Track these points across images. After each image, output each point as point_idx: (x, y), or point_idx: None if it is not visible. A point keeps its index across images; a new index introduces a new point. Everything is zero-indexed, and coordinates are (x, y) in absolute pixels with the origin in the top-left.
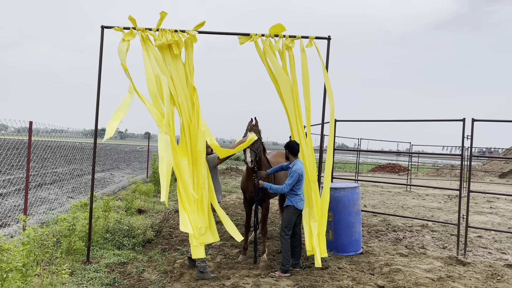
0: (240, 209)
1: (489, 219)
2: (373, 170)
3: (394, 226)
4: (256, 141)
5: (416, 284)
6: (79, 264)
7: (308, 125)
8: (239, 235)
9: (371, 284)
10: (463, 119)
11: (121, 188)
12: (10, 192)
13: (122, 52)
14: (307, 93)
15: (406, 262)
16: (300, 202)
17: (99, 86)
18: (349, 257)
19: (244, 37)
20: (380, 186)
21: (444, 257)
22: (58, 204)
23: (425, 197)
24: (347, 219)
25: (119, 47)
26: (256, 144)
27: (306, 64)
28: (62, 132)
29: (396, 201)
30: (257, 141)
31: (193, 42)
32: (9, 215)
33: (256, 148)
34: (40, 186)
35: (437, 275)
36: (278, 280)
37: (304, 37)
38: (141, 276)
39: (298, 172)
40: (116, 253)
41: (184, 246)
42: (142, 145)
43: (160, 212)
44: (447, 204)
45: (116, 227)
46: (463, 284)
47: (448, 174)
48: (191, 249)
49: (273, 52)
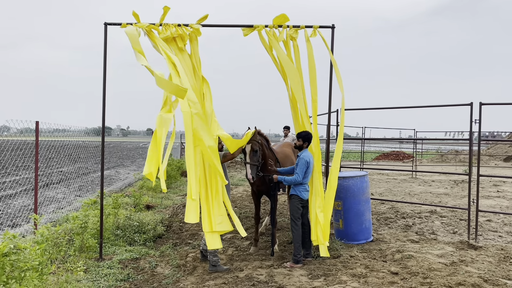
0: (247, 202)
1: (497, 203)
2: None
3: (403, 213)
4: (256, 151)
5: (429, 270)
6: (92, 261)
7: (314, 116)
8: (243, 230)
9: (384, 271)
10: (471, 103)
11: (128, 185)
12: (18, 193)
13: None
14: (313, 83)
15: (417, 248)
16: (305, 192)
17: (105, 83)
18: (360, 245)
19: (248, 28)
20: (386, 174)
21: (455, 242)
22: (67, 203)
23: (431, 183)
24: (357, 207)
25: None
26: (256, 155)
27: (312, 54)
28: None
29: (402, 188)
30: (257, 152)
31: (197, 36)
32: (19, 215)
33: (257, 160)
34: (47, 185)
35: (450, 259)
36: (291, 270)
37: (308, 26)
38: (155, 271)
39: (305, 159)
40: (128, 249)
41: (195, 240)
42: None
43: (169, 207)
44: (454, 189)
45: (126, 223)
46: (477, 268)
47: (452, 160)
48: (206, 240)
49: (278, 42)
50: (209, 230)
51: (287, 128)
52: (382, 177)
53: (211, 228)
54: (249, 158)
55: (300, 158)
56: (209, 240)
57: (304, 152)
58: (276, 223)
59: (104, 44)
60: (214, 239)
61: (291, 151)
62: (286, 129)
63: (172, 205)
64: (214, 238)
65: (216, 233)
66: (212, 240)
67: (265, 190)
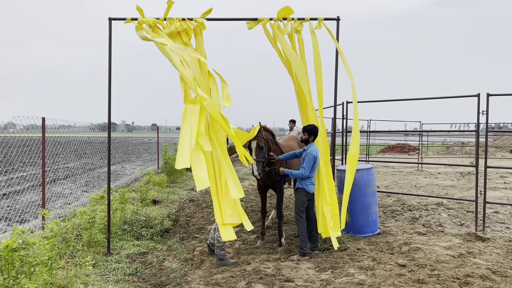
0: (253, 196)
1: (504, 195)
2: (382, 151)
3: (409, 205)
4: (262, 147)
5: (437, 262)
6: (100, 256)
7: (320, 108)
8: (250, 224)
9: (391, 263)
10: (478, 94)
11: (134, 180)
12: (25, 189)
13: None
14: (319, 75)
15: (424, 240)
16: (311, 185)
17: (110, 78)
18: (367, 238)
19: (252, 22)
20: (391, 167)
21: (463, 233)
22: (74, 198)
23: (437, 176)
24: (363, 200)
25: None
26: (262, 152)
27: (317, 46)
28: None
29: (408, 181)
30: (263, 148)
31: (201, 30)
32: (27, 211)
33: (262, 156)
34: (54, 181)
35: (457, 251)
36: (299, 263)
37: (313, 19)
38: (162, 265)
39: (312, 154)
40: (136, 244)
41: (202, 234)
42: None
43: (175, 202)
44: (460, 181)
45: (134, 218)
46: (485, 259)
47: (458, 152)
48: (220, 232)
49: (283, 35)
50: (221, 222)
51: (292, 121)
52: (388, 170)
53: (223, 220)
54: (255, 155)
55: (307, 152)
56: (223, 232)
57: (311, 147)
58: (283, 217)
59: (108, 40)
60: (228, 231)
61: (297, 145)
62: (292, 123)
63: (178, 200)
64: (227, 230)
65: (229, 225)
66: (226, 231)
67: (271, 184)
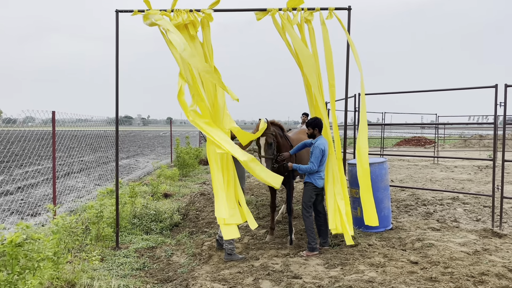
0: (264, 190)
1: None
2: (398, 144)
3: (424, 200)
4: (271, 144)
5: (451, 259)
6: (108, 250)
7: (332, 101)
8: (255, 222)
9: (403, 260)
10: (496, 85)
11: (146, 173)
12: (39, 182)
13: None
14: (330, 67)
15: (438, 236)
16: (319, 180)
17: (117, 70)
18: (379, 233)
19: (261, 12)
20: (407, 160)
21: (479, 229)
22: (86, 191)
23: (453, 169)
24: (375, 195)
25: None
26: (271, 148)
27: (328, 37)
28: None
29: (424, 175)
30: (272, 145)
31: (209, 21)
32: (40, 204)
33: (272, 153)
34: (68, 174)
35: (473, 248)
36: (308, 259)
37: (323, 8)
38: (170, 259)
39: (320, 147)
40: (145, 238)
41: (211, 228)
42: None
43: (186, 196)
44: (477, 175)
45: (143, 212)
46: (501, 257)
47: (476, 145)
48: (221, 231)
49: (292, 26)
50: (222, 222)
51: (305, 114)
52: (403, 163)
53: (224, 220)
54: (264, 152)
55: (314, 146)
56: (224, 231)
57: (319, 140)
58: (293, 211)
59: (116, 32)
60: (230, 230)
61: (307, 138)
62: (305, 116)
63: (189, 193)
64: (229, 229)
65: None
66: (228, 230)
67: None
